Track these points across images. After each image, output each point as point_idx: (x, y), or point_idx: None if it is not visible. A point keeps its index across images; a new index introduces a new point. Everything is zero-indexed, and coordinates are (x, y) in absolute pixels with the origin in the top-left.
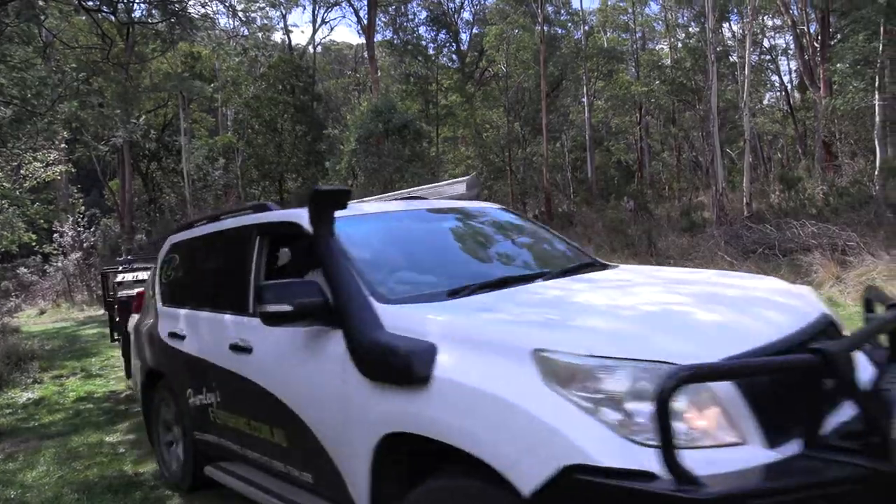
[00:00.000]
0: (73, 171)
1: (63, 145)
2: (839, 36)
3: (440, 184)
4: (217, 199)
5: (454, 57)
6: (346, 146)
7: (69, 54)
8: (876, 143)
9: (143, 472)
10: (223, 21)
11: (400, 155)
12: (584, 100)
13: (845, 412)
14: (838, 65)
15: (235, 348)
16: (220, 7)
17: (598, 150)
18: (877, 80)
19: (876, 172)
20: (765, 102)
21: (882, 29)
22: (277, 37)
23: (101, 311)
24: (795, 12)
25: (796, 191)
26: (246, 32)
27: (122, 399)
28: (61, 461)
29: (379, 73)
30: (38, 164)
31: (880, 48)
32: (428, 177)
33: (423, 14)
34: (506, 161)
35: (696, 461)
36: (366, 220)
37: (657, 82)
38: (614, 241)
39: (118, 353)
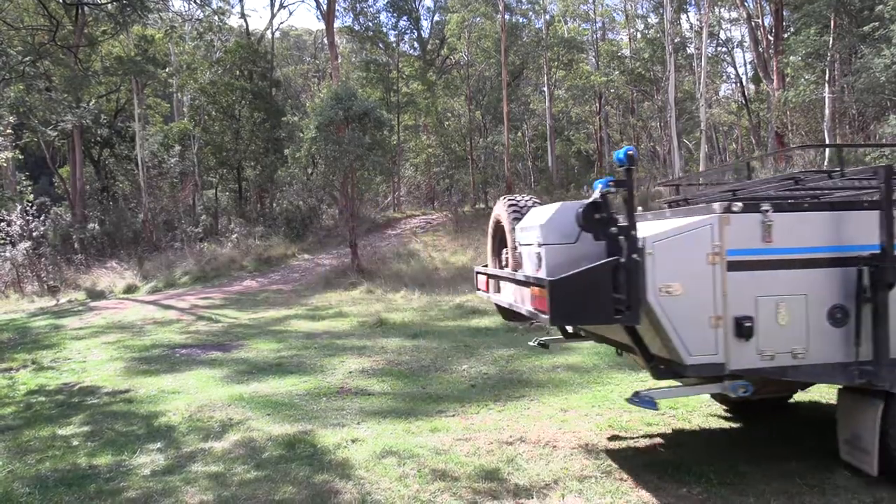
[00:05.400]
0: (20, 157)
1: (9, 131)
2: (792, 29)
3: None
4: (173, 187)
5: (415, 44)
6: (305, 134)
7: (14, 36)
8: (825, 134)
9: (98, 464)
10: (177, 3)
11: (360, 143)
12: (545, 89)
13: None
14: (791, 57)
15: None
16: None
17: (558, 139)
18: (827, 73)
19: (825, 163)
20: (720, 94)
21: (832, 23)
22: (234, 21)
23: (55, 301)
24: (750, 5)
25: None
26: (201, 16)
27: (75, 391)
28: (12, 455)
29: (339, 60)
30: None
31: (830, 42)
32: (389, 165)
33: None
34: (467, 150)
35: None
36: None
37: (616, 73)
38: None
39: (78, 345)
